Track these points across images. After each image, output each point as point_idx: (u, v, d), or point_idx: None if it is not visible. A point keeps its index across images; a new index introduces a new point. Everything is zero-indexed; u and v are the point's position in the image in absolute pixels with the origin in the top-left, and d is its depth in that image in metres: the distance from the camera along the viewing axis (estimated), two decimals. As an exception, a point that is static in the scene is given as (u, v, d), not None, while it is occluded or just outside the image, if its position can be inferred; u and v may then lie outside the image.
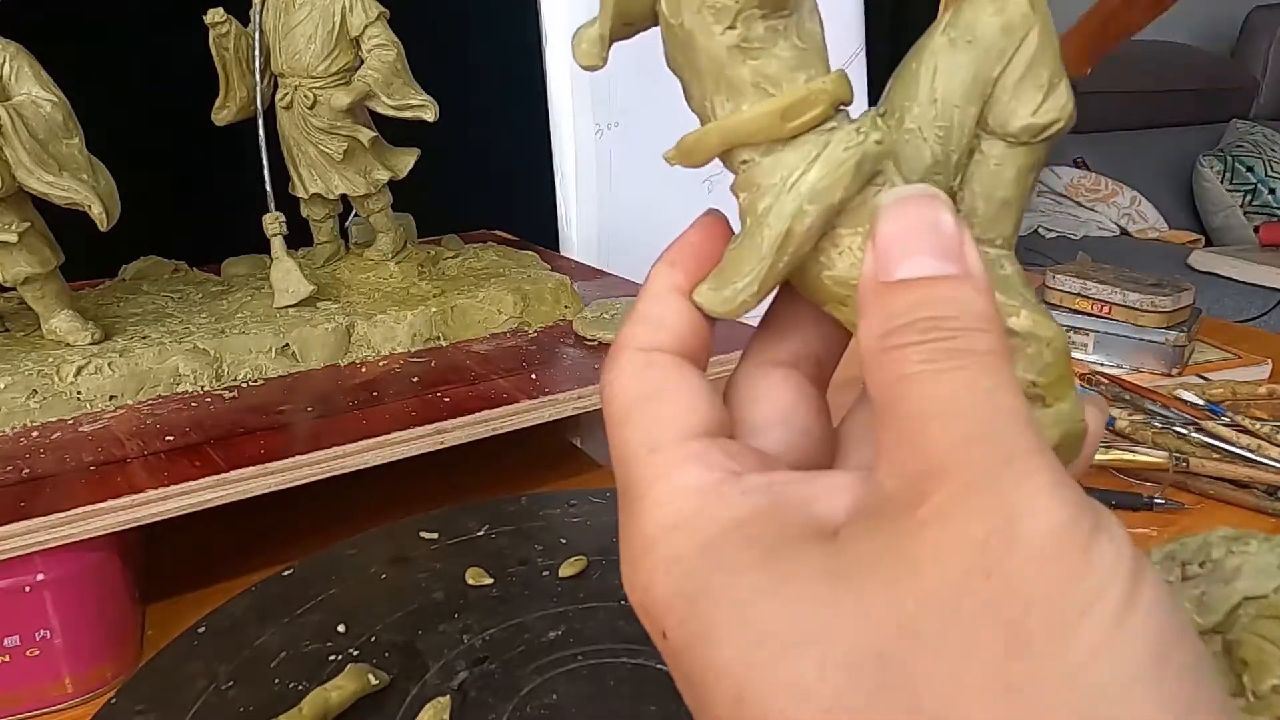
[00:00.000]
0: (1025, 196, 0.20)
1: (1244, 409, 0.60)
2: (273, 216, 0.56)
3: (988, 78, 0.19)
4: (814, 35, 0.18)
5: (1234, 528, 0.33)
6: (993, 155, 0.19)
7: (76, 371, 0.47)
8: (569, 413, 0.50)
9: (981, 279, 0.16)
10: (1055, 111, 0.19)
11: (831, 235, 0.18)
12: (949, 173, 0.19)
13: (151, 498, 0.39)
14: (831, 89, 0.18)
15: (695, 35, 0.18)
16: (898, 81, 0.19)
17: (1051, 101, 0.19)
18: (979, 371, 0.15)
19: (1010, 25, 0.18)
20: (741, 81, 0.18)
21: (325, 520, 0.50)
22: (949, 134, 0.19)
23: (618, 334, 0.20)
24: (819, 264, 0.19)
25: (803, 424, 0.20)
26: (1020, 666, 0.13)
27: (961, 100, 0.19)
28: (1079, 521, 0.14)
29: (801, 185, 0.18)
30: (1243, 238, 1.99)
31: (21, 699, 0.38)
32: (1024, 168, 0.19)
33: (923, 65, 0.19)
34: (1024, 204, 0.20)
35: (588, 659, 0.38)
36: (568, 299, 0.61)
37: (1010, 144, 0.19)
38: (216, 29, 0.55)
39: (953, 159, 0.19)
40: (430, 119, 0.57)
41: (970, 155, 0.19)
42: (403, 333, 0.55)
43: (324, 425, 0.46)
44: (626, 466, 0.18)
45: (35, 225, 0.48)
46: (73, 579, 0.39)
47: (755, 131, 0.18)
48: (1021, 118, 0.19)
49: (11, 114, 0.44)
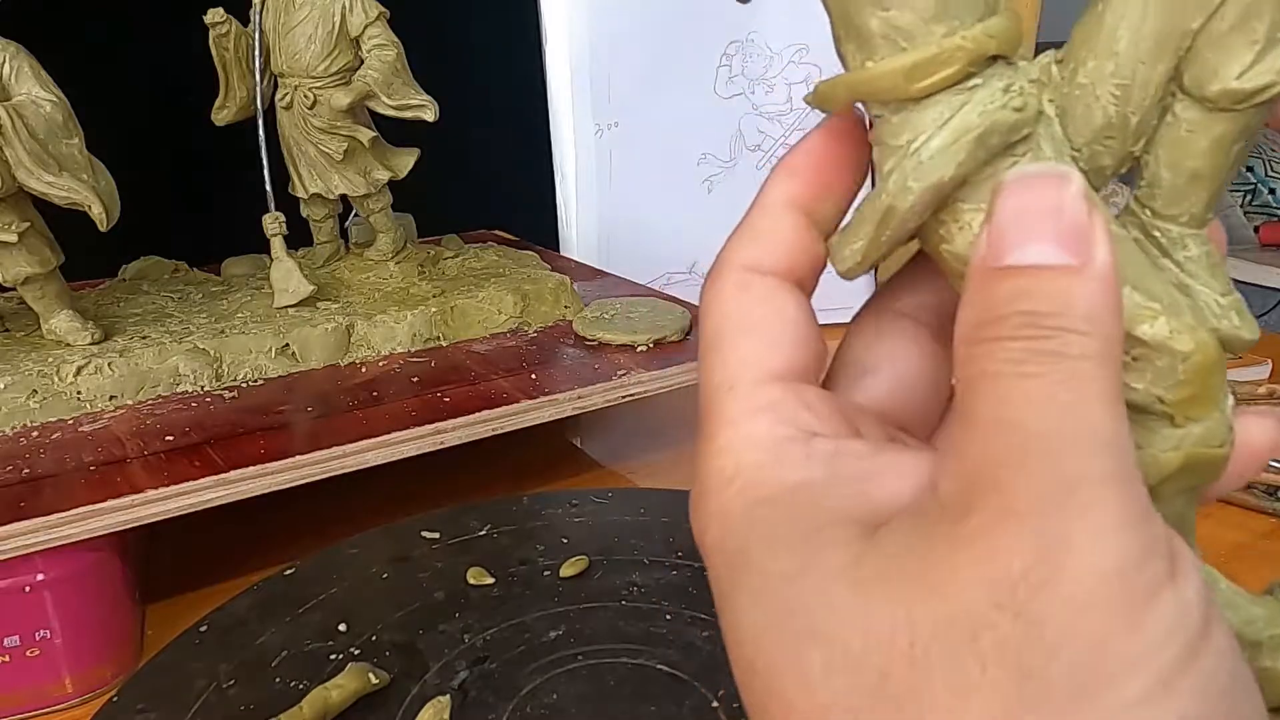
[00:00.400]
0: (1224, 170, 0.17)
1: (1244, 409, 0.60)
2: (273, 216, 0.56)
3: (1185, 29, 0.15)
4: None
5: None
6: (1185, 119, 0.16)
7: (76, 371, 0.47)
8: (569, 413, 0.50)
9: (1105, 275, 0.14)
10: (1271, 74, 0.15)
11: (953, 208, 0.17)
12: (1126, 136, 0.17)
13: (151, 498, 0.39)
14: (973, 46, 0.16)
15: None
16: (1080, 24, 0.17)
17: (1268, 62, 0.15)
18: (1063, 380, 0.14)
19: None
20: (870, 32, 0.16)
21: (325, 520, 0.50)
22: (1128, 93, 0.16)
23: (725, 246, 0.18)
24: (938, 235, 0.17)
25: (913, 378, 0.19)
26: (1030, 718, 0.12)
27: (1149, 55, 0.16)
28: (1143, 569, 0.13)
29: (921, 154, 0.16)
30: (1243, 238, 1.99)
31: (21, 699, 0.38)
32: (1222, 137, 0.16)
33: (1109, 9, 0.16)
34: (1223, 178, 0.17)
35: (588, 659, 0.38)
36: (568, 299, 0.61)
37: (1209, 108, 0.16)
38: (216, 29, 0.55)
39: (1131, 121, 0.16)
40: (430, 119, 0.57)
41: (1161, 115, 0.16)
42: (403, 333, 0.55)
43: (324, 425, 0.46)
44: (705, 399, 0.17)
45: (35, 225, 0.48)
46: (73, 579, 0.39)
47: (879, 91, 0.16)
48: (1223, 79, 0.16)
49: (11, 114, 0.44)
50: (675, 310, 0.60)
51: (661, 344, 0.56)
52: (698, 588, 0.42)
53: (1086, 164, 0.17)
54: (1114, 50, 0.16)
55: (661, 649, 0.38)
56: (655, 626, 0.40)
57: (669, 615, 0.40)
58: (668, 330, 0.57)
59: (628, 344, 0.56)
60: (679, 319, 0.58)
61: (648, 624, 0.40)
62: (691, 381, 0.54)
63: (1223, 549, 0.49)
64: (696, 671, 0.37)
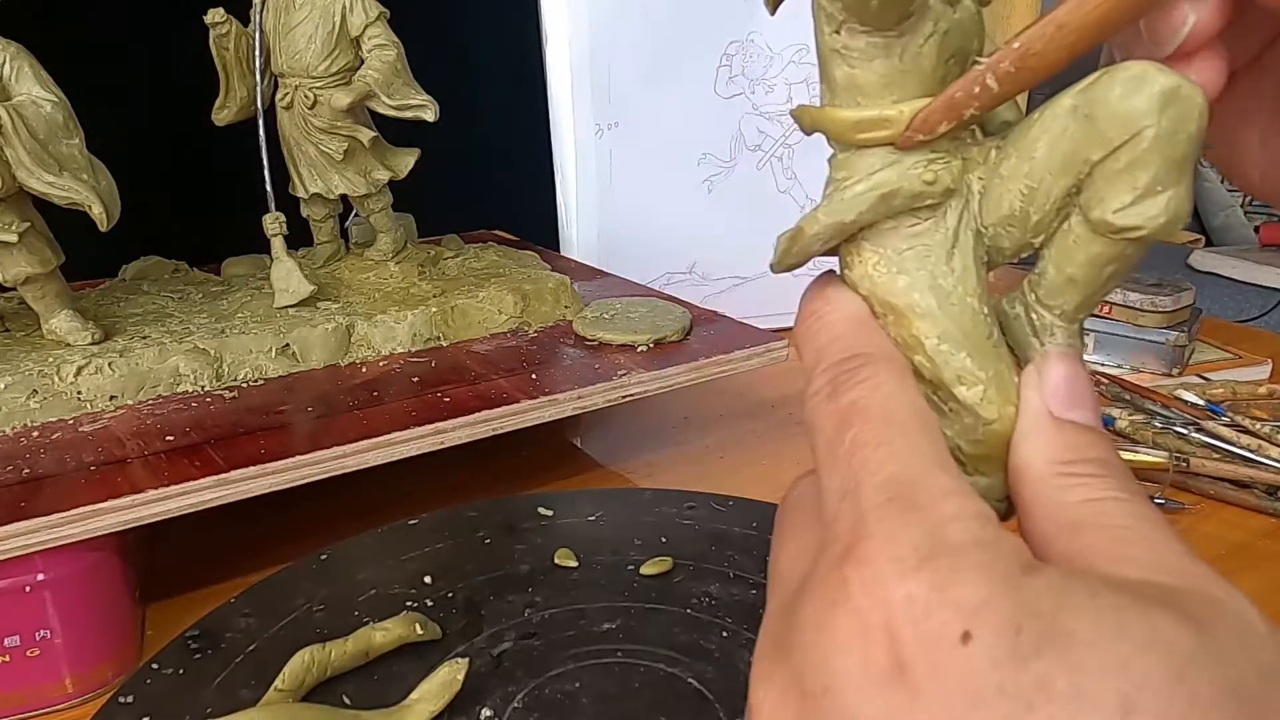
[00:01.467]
0: (1095, 283, 0.19)
1: (1244, 409, 0.60)
2: (273, 216, 0.57)
3: (1087, 158, 0.18)
4: (920, 61, 0.19)
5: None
6: (1075, 230, 0.19)
7: (76, 371, 0.47)
8: (569, 413, 0.50)
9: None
10: (1139, 219, 0.17)
11: (858, 243, 0.20)
12: (1025, 229, 0.19)
13: (151, 498, 0.39)
14: (899, 122, 0.19)
15: (814, 25, 0.19)
16: (1020, 125, 0.19)
17: (1140, 207, 0.17)
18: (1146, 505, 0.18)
19: (1130, 115, 0.17)
20: (835, 81, 0.19)
21: (325, 520, 0.50)
22: (1033, 195, 0.19)
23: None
24: (844, 260, 0.21)
25: None
26: None
27: (1056, 169, 0.18)
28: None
29: (844, 192, 0.19)
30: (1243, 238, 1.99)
31: (21, 699, 0.38)
32: (1098, 256, 0.18)
33: (1039, 120, 0.18)
34: (1095, 290, 0.19)
35: (625, 657, 0.38)
36: (568, 299, 0.61)
37: (1090, 229, 0.18)
38: (216, 29, 0.55)
39: (1031, 218, 0.19)
40: (430, 119, 0.57)
41: (1061, 220, 0.19)
42: (403, 333, 0.55)
43: (324, 425, 0.46)
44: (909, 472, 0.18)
45: (35, 225, 0.48)
46: (73, 579, 0.39)
47: (831, 131, 0.20)
48: (1103, 210, 0.18)
49: (11, 114, 0.44)
50: (675, 310, 0.60)
51: (661, 344, 0.56)
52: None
53: (990, 241, 0.20)
54: (1032, 156, 0.19)
55: (701, 664, 0.38)
56: (707, 640, 0.39)
57: (726, 632, 0.40)
58: (668, 330, 0.57)
59: (628, 344, 0.56)
60: (679, 319, 0.58)
61: (700, 636, 0.40)
62: (691, 381, 0.54)
63: (1223, 549, 0.49)
64: (724, 692, 0.36)
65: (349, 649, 0.37)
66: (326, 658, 0.36)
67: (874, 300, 0.20)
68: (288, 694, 0.35)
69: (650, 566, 0.44)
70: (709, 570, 0.44)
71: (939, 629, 0.15)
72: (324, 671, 0.36)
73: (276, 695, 0.35)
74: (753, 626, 0.40)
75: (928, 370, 0.20)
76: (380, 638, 0.38)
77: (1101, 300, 0.21)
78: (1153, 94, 0.17)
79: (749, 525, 0.48)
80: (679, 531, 0.47)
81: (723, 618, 0.41)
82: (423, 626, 0.39)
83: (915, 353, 0.20)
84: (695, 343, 0.57)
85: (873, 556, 0.16)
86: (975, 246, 0.20)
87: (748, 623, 0.40)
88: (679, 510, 0.49)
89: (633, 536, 0.47)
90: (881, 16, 0.18)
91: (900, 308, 0.20)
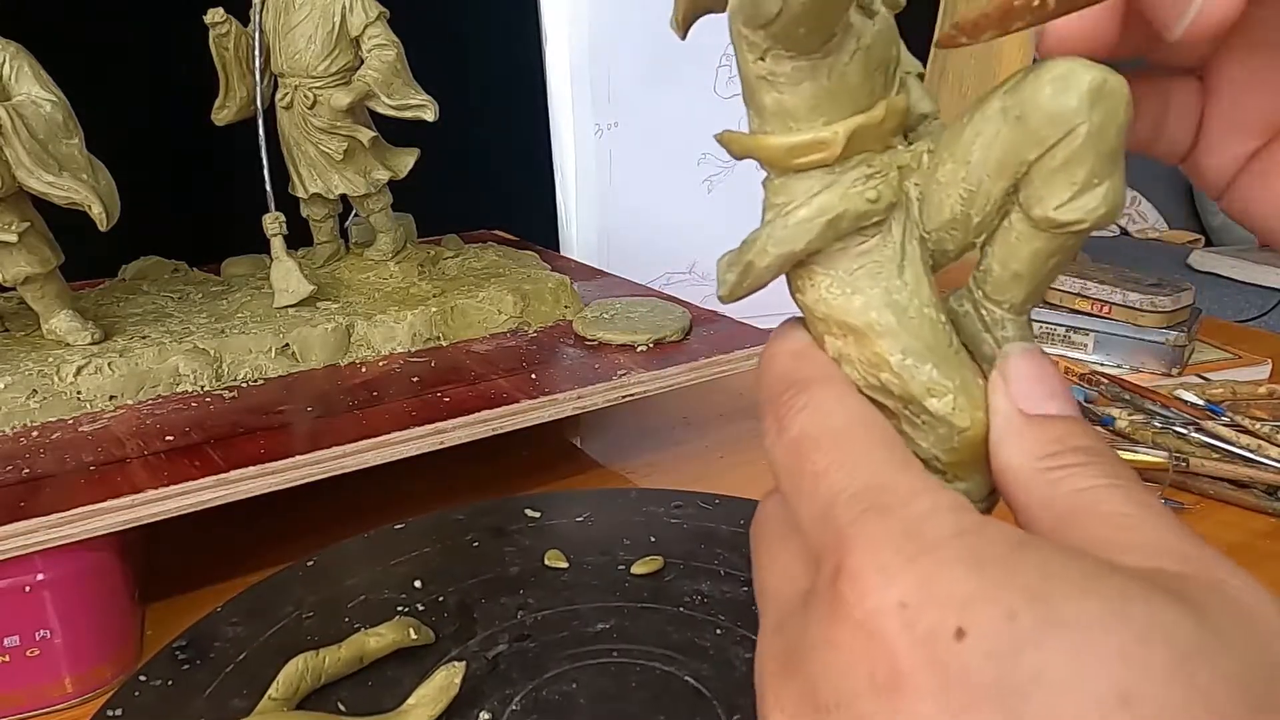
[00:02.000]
0: (1040, 275, 0.20)
1: (1244, 409, 0.60)
2: (273, 216, 0.57)
3: (1023, 158, 0.18)
4: (847, 79, 0.18)
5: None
6: (1016, 228, 0.19)
7: (76, 371, 0.47)
8: (569, 413, 0.50)
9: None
10: (1080, 213, 0.18)
11: (808, 267, 0.20)
12: (968, 231, 0.20)
13: (151, 498, 0.39)
14: (842, 138, 0.19)
15: (736, 54, 0.19)
16: (949, 130, 0.19)
17: (1080, 201, 0.18)
18: (1139, 489, 0.18)
19: (1060, 113, 0.17)
20: (764, 108, 0.19)
21: (325, 520, 0.50)
22: (973, 198, 0.19)
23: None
24: (795, 285, 0.20)
25: None
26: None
27: (993, 171, 0.19)
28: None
29: (789, 219, 0.19)
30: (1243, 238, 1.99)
31: (21, 699, 0.38)
32: (1040, 250, 0.19)
33: (971, 124, 0.19)
34: (1040, 282, 0.20)
35: (621, 657, 0.38)
36: (568, 299, 0.61)
37: (1032, 225, 0.19)
38: (216, 29, 0.55)
39: (973, 220, 0.19)
40: (430, 119, 0.57)
41: (1001, 217, 0.19)
42: (403, 333, 0.55)
43: (324, 425, 0.46)
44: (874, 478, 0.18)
45: (35, 225, 0.48)
46: (73, 579, 0.39)
47: (765, 158, 0.19)
48: (1045, 207, 0.18)
49: (11, 114, 0.44)
50: (675, 310, 0.60)
51: (661, 344, 0.56)
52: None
53: (934, 245, 0.20)
54: (967, 160, 0.19)
55: (696, 661, 0.38)
56: (700, 638, 0.39)
57: (720, 630, 0.40)
58: (668, 330, 0.57)
59: (628, 344, 0.56)
60: (679, 319, 0.58)
61: (694, 634, 0.40)
62: (691, 381, 0.54)
63: (1222, 549, 0.49)
64: (721, 689, 0.36)
65: (343, 655, 0.37)
66: (320, 665, 0.36)
67: (831, 322, 0.20)
68: (282, 702, 0.35)
69: (641, 566, 0.44)
70: (699, 568, 0.44)
71: (932, 629, 0.15)
72: (318, 679, 0.36)
73: (270, 704, 0.35)
74: (746, 623, 0.40)
75: (896, 386, 0.19)
76: (374, 643, 0.37)
77: (1049, 289, 0.22)
78: (1082, 91, 0.17)
79: (737, 523, 0.48)
80: (668, 530, 0.47)
81: (715, 615, 0.41)
82: (416, 631, 0.38)
83: (881, 370, 0.20)
84: (695, 343, 0.57)
85: (860, 568, 0.16)
86: (922, 254, 0.20)
87: (741, 619, 0.40)
88: (666, 509, 0.49)
89: (622, 536, 0.47)
90: (808, 41, 0.18)
91: (860, 328, 0.20)
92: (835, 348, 0.20)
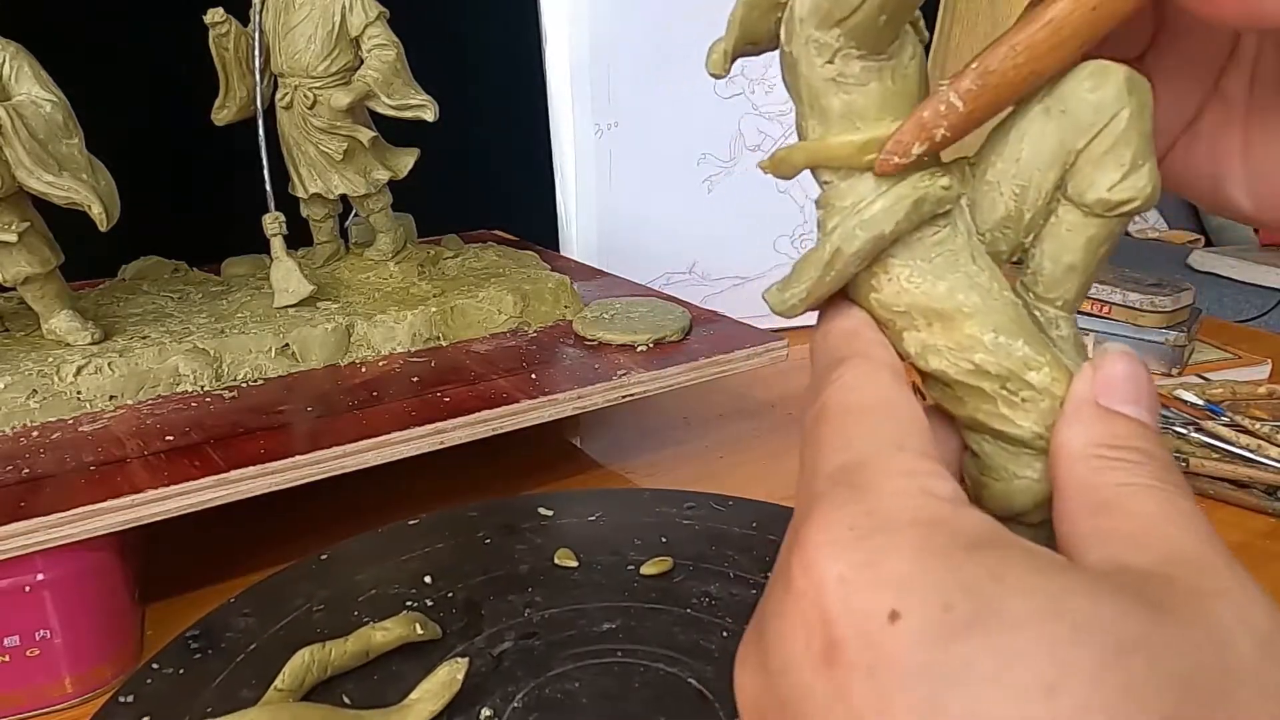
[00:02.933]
0: (1093, 265, 0.20)
1: (1244, 409, 0.60)
2: (273, 216, 0.56)
3: (1072, 148, 0.19)
4: (908, 80, 0.20)
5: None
6: (1066, 220, 0.20)
7: (76, 371, 0.47)
8: (569, 413, 0.50)
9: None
10: (1132, 191, 0.19)
11: (884, 262, 0.20)
12: (1019, 228, 0.20)
13: (151, 498, 0.39)
14: None
15: (800, 63, 0.20)
16: (991, 135, 0.21)
17: (1130, 181, 0.19)
18: (1182, 497, 0.18)
19: (1102, 103, 0.19)
20: (832, 111, 0.20)
21: (325, 520, 0.50)
22: (1025, 193, 0.20)
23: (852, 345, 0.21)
24: (869, 286, 0.21)
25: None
26: None
27: (1044, 165, 0.20)
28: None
29: (865, 213, 0.20)
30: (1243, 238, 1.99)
31: (21, 699, 0.38)
32: (1094, 238, 0.20)
33: (1015, 125, 0.20)
34: (1091, 272, 0.21)
35: (625, 657, 0.38)
36: (568, 299, 0.61)
37: (1085, 213, 0.20)
38: (216, 29, 0.55)
39: (1025, 216, 0.20)
40: (430, 119, 0.57)
41: (1048, 216, 0.20)
42: (403, 333, 0.55)
43: (324, 425, 0.46)
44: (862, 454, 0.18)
45: (35, 225, 0.48)
46: (73, 579, 0.39)
47: (835, 158, 0.20)
48: (1098, 191, 0.19)
49: (11, 114, 0.44)
50: (675, 310, 0.60)
51: (661, 344, 0.56)
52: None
53: (989, 248, 0.21)
54: (1017, 158, 0.20)
55: (700, 663, 0.38)
56: (706, 640, 0.39)
57: (726, 632, 0.40)
58: (668, 330, 0.57)
59: (627, 344, 0.56)
60: (679, 319, 0.58)
61: (701, 636, 0.40)
62: (691, 381, 0.54)
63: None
64: (724, 692, 0.36)
65: (349, 649, 0.37)
66: (326, 657, 0.36)
67: (915, 313, 0.20)
68: (288, 694, 0.35)
69: (650, 566, 0.44)
70: (709, 570, 0.44)
71: (867, 608, 0.15)
72: (324, 671, 0.36)
73: (276, 695, 0.35)
74: None
75: (992, 365, 0.20)
76: (380, 637, 0.38)
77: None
78: (1119, 81, 0.19)
79: (748, 525, 0.48)
80: (679, 531, 0.47)
81: (723, 618, 0.41)
82: (423, 626, 0.39)
83: (975, 352, 0.20)
84: (695, 342, 0.57)
85: (810, 540, 0.16)
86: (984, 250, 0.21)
87: (748, 623, 0.40)
88: (679, 510, 0.49)
89: (633, 536, 0.47)
90: (883, 34, 0.19)
91: (948, 311, 0.20)
92: (918, 341, 0.21)
